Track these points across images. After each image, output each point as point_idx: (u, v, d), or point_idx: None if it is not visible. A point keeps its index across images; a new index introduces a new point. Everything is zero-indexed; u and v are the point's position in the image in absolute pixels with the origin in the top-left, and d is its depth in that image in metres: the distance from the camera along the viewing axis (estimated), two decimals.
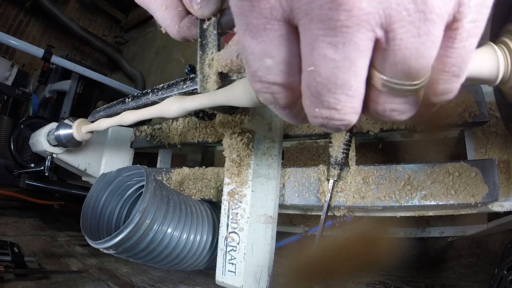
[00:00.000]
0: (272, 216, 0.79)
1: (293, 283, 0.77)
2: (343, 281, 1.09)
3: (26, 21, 3.28)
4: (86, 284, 1.18)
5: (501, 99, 0.47)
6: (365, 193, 0.74)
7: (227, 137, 0.79)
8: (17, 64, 2.56)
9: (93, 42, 3.49)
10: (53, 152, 1.03)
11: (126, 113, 0.68)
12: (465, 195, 0.67)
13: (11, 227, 1.69)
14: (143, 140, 1.24)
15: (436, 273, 1.24)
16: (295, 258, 0.81)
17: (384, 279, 1.17)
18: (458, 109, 0.74)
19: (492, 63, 0.35)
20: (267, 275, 0.77)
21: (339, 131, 0.40)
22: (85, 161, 1.15)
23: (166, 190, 0.80)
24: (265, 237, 0.77)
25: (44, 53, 1.87)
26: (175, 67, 3.32)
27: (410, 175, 0.72)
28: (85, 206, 0.82)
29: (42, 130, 1.01)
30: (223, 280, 0.74)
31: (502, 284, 0.63)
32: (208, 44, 0.39)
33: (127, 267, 1.38)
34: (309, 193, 0.81)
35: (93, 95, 2.44)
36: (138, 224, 0.67)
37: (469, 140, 0.80)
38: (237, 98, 0.48)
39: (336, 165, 0.76)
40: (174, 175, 1.05)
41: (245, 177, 0.76)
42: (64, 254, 1.50)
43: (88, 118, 0.87)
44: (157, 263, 0.80)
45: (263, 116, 0.80)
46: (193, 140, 1.08)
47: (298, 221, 1.28)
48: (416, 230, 1.19)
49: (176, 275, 1.31)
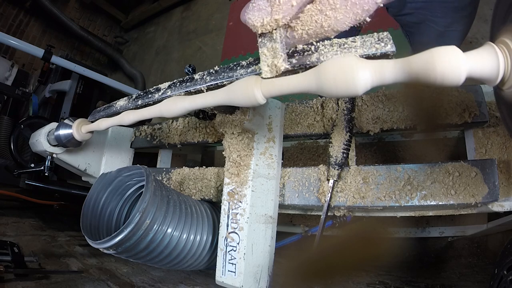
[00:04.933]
0: (272, 216, 0.79)
1: (293, 283, 0.77)
2: (343, 281, 1.09)
3: (26, 21, 3.28)
4: (86, 284, 1.18)
5: (501, 99, 0.47)
6: (365, 193, 0.74)
7: (227, 137, 0.79)
8: (17, 64, 2.56)
9: (93, 42, 3.49)
10: (53, 152, 1.03)
11: (126, 113, 0.68)
12: (465, 195, 0.67)
13: (11, 227, 1.69)
14: (143, 140, 1.24)
15: (436, 273, 1.24)
16: (295, 258, 0.81)
17: (384, 279, 1.17)
18: (458, 109, 0.74)
19: (492, 63, 0.35)
20: (267, 275, 0.77)
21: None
22: (85, 161, 1.15)
23: (166, 190, 0.80)
24: (265, 237, 0.77)
25: (44, 53, 1.87)
26: (175, 67, 3.32)
27: (410, 175, 0.72)
28: (85, 206, 0.82)
29: (42, 130, 1.01)
30: (223, 280, 0.74)
31: (502, 284, 0.63)
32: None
33: (127, 267, 1.38)
34: (309, 193, 0.81)
35: (93, 95, 2.45)
36: (138, 224, 0.67)
37: (469, 140, 0.80)
38: (237, 98, 0.48)
39: (336, 165, 0.76)
40: (174, 175, 1.05)
41: (245, 177, 0.76)
42: (64, 254, 1.50)
43: (88, 118, 0.87)
44: (157, 263, 0.80)
45: (263, 116, 0.80)
46: (193, 140, 1.08)
47: (298, 221, 1.28)
48: (416, 230, 1.19)
49: (176, 275, 1.31)
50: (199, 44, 3.18)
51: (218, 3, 3.26)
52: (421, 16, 0.88)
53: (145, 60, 3.71)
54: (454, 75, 0.33)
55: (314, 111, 0.88)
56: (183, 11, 3.62)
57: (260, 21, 0.41)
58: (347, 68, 0.37)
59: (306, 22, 0.42)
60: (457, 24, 0.87)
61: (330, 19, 0.40)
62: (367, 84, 0.38)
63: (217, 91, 0.52)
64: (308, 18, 0.41)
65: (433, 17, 0.86)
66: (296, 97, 1.39)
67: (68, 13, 3.54)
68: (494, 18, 0.47)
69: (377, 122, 0.80)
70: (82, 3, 3.73)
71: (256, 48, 0.45)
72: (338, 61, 0.39)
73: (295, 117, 0.90)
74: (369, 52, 0.40)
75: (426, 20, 0.88)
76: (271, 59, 0.44)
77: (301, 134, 0.89)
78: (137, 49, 3.95)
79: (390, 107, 0.79)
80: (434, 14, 0.86)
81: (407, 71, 0.36)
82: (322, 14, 0.40)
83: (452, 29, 0.87)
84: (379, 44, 0.40)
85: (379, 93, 0.82)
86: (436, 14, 0.85)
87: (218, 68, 0.55)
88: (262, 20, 0.40)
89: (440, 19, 0.86)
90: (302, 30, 0.42)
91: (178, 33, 3.52)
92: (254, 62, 0.50)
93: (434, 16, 0.86)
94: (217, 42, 3.01)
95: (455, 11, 0.84)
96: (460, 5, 0.82)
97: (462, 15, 0.85)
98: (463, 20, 0.86)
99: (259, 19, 0.40)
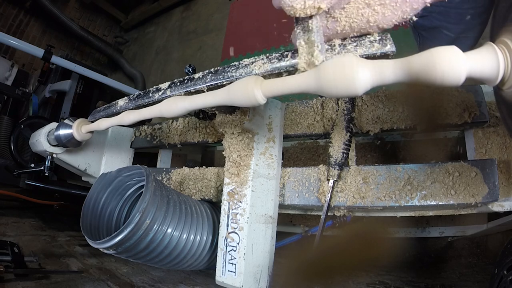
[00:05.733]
0: (272, 216, 0.79)
1: (293, 283, 0.77)
2: (343, 281, 1.09)
3: (26, 21, 3.28)
4: (86, 284, 1.18)
5: (501, 99, 0.47)
6: (365, 193, 0.74)
7: (227, 137, 0.79)
8: (17, 64, 2.56)
9: (93, 42, 3.49)
10: (53, 152, 1.03)
11: (126, 113, 0.68)
12: (465, 195, 0.67)
13: (11, 227, 1.69)
14: (143, 140, 1.24)
15: (436, 273, 1.24)
16: (295, 258, 0.81)
17: (384, 279, 1.17)
18: (458, 109, 0.74)
19: (492, 63, 0.35)
20: (267, 275, 0.77)
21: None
22: (85, 161, 1.15)
23: (166, 190, 0.80)
24: (265, 237, 0.77)
25: (44, 53, 1.87)
26: (175, 67, 3.32)
27: (410, 175, 0.72)
28: (85, 206, 0.82)
29: (42, 130, 1.01)
30: (223, 280, 0.74)
31: (502, 284, 0.63)
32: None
33: (127, 267, 1.38)
34: (309, 193, 0.81)
35: (93, 95, 2.45)
36: (138, 224, 0.67)
37: (469, 140, 0.80)
38: (237, 98, 0.48)
39: (336, 165, 0.76)
40: (174, 175, 1.05)
41: (245, 177, 0.76)
42: (64, 254, 1.50)
43: (88, 118, 0.87)
44: (157, 263, 0.80)
45: (263, 116, 0.80)
46: (193, 140, 1.08)
47: (298, 221, 1.28)
48: (416, 230, 1.19)
49: (176, 275, 1.31)
50: (199, 44, 3.18)
51: (218, 3, 3.26)
52: (435, 21, 0.87)
53: (145, 60, 3.71)
54: (454, 75, 0.33)
55: (314, 111, 0.88)
56: (183, 11, 3.62)
57: (301, 3, 0.37)
58: (347, 68, 0.37)
59: (352, 14, 0.39)
60: (470, 31, 0.86)
61: (377, 14, 0.38)
62: (367, 84, 0.37)
63: (217, 91, 0.52)
64: (354, 11, 0.39)
65: (446, 23, 0.85)
66: (296, 97, 1.39)
67: (68, 13, 3.54)
68: (494, 18, 0.47)
69: (377, 122, 0.80)
70: (82, 3, 3.73)
71: (256, 48, 0.45)
72: (338, 60, 0.38)
73: (295, 117, 0.90)
74: (369, 52, 0.40)
75: (440, 26, 0.87)
76: (309, 52, 0.41)
77: (301, 134, 0.89)
78: (137, 49, 3.95)
79: (390, 107, 0.79)
80: (448, 20, 0.84)
81: (407, 71, 0.36)
82: (370, 8, 0.38)
83: (464, 35, 0.86)
84: (379, 44, 0.40)
85: (379, 93, 0.82)
86: (450, 20, 0.84)
87: (218, 68, 0.55)
88: (303, 2, 0.37)
89: (454, 25, 0.85)
90: (346, 22, 0.40)
91: (178, 33, 3.52)
92: (254, 62, 0.50)
93: (448, 22, 0.85)
94: (217, 42, 3.01)
95: (469, 18, 0.83)
96: (476, 12, 0.81)
97: (476, 22, 0.83)
98: (476, 27, 0.85)
99: (300, 1, 0.37)
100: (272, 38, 2.43)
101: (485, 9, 0.80)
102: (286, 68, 0.46)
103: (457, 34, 0.87)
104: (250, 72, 0.50)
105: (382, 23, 0.39)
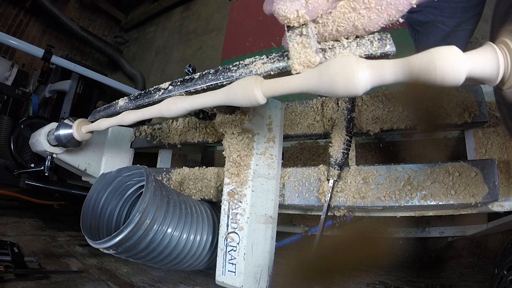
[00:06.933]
0: (272, 216, 0.79)
1: (293, 283, 0.77)
2: (343, 281, 1.09)
3: (26, 21, 3.28)
4: (86, 284, 1.18)
5: (501, 99, 0.47)
6: (365, 193, 0.74)
7: (227, 137, 0.79)
8: (17, 64, 2.56)
9: (93, 42, 3.49)
10: (53, 152, 1.03)
11: (126, 113, 0.68)
12: (465, 195, 0.67)
13: (11, 227, 1.69)
14: (143, 140, 1.24)
15: (436, 273, 1.24)
16: (295, 258, 0.81)
17: (384, 279, 1.17)
18: (458, 109, 0.73)
19: (492, 63, 0.35)
20: (267, 275, 0.77)
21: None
22: (85, 161, 1.15)
23: (166, 190, 0.80)
24: (265, 237, 0.77)
25: (44, 53, 1.87)
26: (175, 67, 3.32)
27: (410, 175, 0.72)
28: (85, 206, 0.82)
29: (42, 130, 1.01)
30: (223, 280, 0.74)
31: (502, 284, 0.63)
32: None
33: (127, 267, 1.38)
34: (309, 193, 0.81)
35: (93, 95, 2.45)
36: (138, 224, 0.67)
37: (469, 140, 0.80)
38: (237, 98, 0.48)
39: (336, 165, 0.76)
40: (174, 175, 1.05)
41: (245, 177, 0.76)
42: (64, 254, 1.50)
43: (88, 118, 0.87)
44: (157, 263, 0.80)
45: (263, 116, 0.80)
46: (193, 140, 1.08)
47: (298, 221, 1.28)
48: (416, 230, 1.19)
49: (176, 275, 1.31)
50: (199, 44, 3.18)
51: (218, 3, 3.26)
52: (429, 15, 0.87)
53: (145, 60, 3.72)
54: (454, 75, 0.33)
55: (314, 111, 0.88)
56: (183, 11, 3.62)
57: (293, 13, 0.39)
58: (347, 68, 0.37)
59: (338, 18, 0.40)
60: (465, 24, 0.86)
61: (363, 18, 0.39)
62: (367, 84, 0.37)
63: (217, 91, 0.52)
64: (340, 15, 0.40)
65: (441, 17, 0.85)
66: (296, 97, 1.39)
67: (68, 13, 3.55)
68: (494, 18, 0.47)
69: (377, 122, 0.80)
70: (82, 3, 3.73)
71: (256, 48, 0.45)
72: (337, 60, 0.38)
73: (295, 117, 0.90)
74: (369, 52, 0.40)
75: (435, 21, 0.87)
76: (303, 54, 0.42)
77: (301, 134, 0.89)
78: (137, 49, 3.95)
79: (390, 107, 0.79)
80: (443, 14, 0.84)
81: (407, 71, 0.36)
82: (355, 12, 0.39)
83: (460, 28, 0.86)
84: (379, 44, 0.40)
85: (379, 93, 0.82)
86: (445, 14, 0.84)
87: (218, 68, 0.55)
88: (296, 12, 0.38)
89: (448, 19, 0.85)
90: (333, 26, 0.41)
91: (178, 33, 3.52)
92: (254, 62, 0.50)
93: (442, 16, 0.85)
94: (217, 42, 3.01)
95: (463, 11, 0.83)
96: (469, 5, 0.81)
97: (471, 14, 0.84)
98: (471, 19, 0.85)
99: (293, 11, 0.39)
100: (272, 38, 2.43)
101: (479, 1, 0.81)
102: (286, 68, 0.46)
103: (452, 28, 0.87)
104: (250, 72, 0.50)
105: (369, 26, 0.39)
